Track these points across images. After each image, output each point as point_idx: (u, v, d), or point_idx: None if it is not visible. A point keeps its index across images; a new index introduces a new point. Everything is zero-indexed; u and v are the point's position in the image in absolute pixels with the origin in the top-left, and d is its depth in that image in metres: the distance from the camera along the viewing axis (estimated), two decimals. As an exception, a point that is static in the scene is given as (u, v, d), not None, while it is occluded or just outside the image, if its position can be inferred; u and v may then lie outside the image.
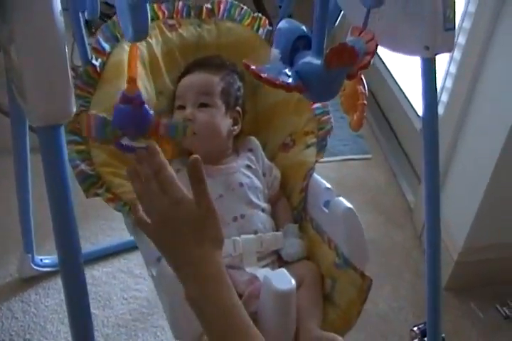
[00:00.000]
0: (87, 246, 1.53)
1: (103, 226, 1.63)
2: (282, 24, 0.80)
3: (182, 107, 1.05)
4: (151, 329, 1.34)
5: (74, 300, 0.75)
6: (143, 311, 1.39)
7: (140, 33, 0.67)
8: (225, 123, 1.06)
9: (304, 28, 0.78)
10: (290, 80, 0.69)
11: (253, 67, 0.69)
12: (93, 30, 1.23)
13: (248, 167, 1.06)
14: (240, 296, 0.89)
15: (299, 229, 1.04)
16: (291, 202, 1.07)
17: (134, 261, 1.52)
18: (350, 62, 0.67)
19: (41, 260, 1.44)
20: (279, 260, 1.01)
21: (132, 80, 0.73)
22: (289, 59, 0.74)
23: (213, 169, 1.03)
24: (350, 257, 0.93)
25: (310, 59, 0.72)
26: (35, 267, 1.42)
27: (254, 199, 1.02)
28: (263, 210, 1.03)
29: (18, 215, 1.34)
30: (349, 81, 0.79)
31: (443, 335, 1.20)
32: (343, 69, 0.68)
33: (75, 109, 0.66)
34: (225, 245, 0.94)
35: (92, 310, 1.28)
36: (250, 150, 1.10)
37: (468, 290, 1.49)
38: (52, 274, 1.44)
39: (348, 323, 0.94)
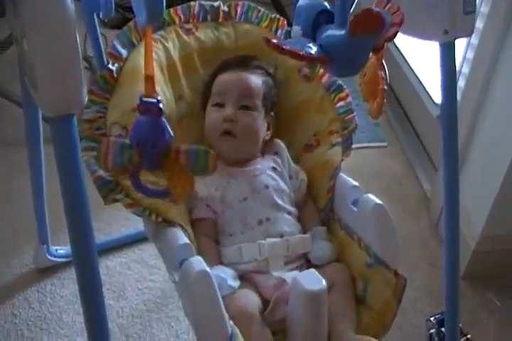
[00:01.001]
0: (101, 237, 1.53)
1: (117, 216, 1.63)
2: (303, 1, 0.77)
3: (220, 105, 1.03)
4: (165, 320, 1.34)
5: (88, 291, 0.74)
6: (157, 301, 1.38)
7: (154, 15, 0.65)
8: (263, 128, 1.05)
9: (325, 3, 0.75)
10: (314, 51, 0.66)
11: (274, 40, 0.66)
12: (105, 20, 1.22)
13: (274, 169, 1.04)
14: (267, 302, 0.88)
15: (328, 230, 1.03)
16: (318, 203, 1.05)
17: (149, 252, 1.52)
18: (377, 30, 0.63)
19: (56, 250, 1.45)
20: (307, 264, 0.98)
21: (149, 78, 0.68)
22: (311, 35, 0.71)
23: (238, 171, 1.02)
24: (382, 256, 0.90)
25: (333, 31, 0.69)
26: (50, 258, 1.43)
27: (280, 202, 1.00)
28: (289, 213, 1.01)
29: (33, 206, 1.34)
30: (371, 59, 0.76)
31: (460, 325, 1.18)
32: (368, 38, 0.64)
33: (86, 99, 0.65)
34: (250, 249, 0.94)
35: (107, 301, 1.29)
36: (276, 153, 1.08)
37: (485, 279, 1.47)
38: (67, 265, 1.44)
39: (384, 326, 0.91)
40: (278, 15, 1.15)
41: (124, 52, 0.97)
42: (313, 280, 0.82)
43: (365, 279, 0.93)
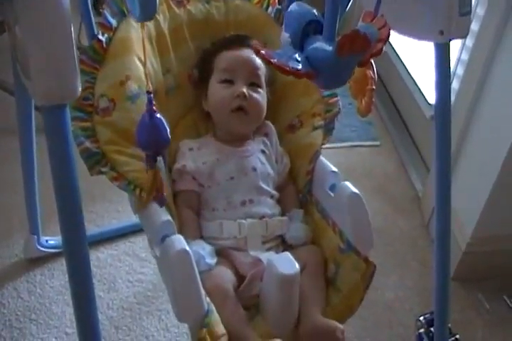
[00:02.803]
0: (92, 228, 1.53)
1: (109, 208, 1.63)
2: (293, 7, 0.78)
3: (229, 82, 1.04)
4: (155, 313, 1.34)
5: (78, 282, 0.75)
6: (148, 294, 1.39)
7: (148, 12, 0.65)
8: (265, 106, 1.07)
9: (314, 11, 0.76)
10: (300, 66, 0.67)
11: (263, 51, 0.67)
12: (100, 9, 1.21)
13: (263, 152, 1.06)
14: (243, 278, 0.91)
15: (305, 211, 1.04)
16: (297, 184, 1.07)
17: (140, 244, 1.52)
18: (363, 50, 0.65)
19: (47, 241, 1.45)
20: (283, 244, 1.01)
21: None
22: (299, 43, 0.73)
23: (229, 150, 1.04)
24: (354, 242, 0.92)
25: (321, 44, 0.70)
26: (40, 248, 1.43)
27: (265, 186, 1.02)
28: (272, 197, 1.03)
29: (24, 196, 1.34)
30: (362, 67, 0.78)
31: (449, 325, 1.19)
32: (354, 56, 0.66)
33: (80, 89, 0.65)
34: (231, 227, 0.96)
35: (97, 293, 1.29)
36: (266, 134, 1.09)
37: (475, 280, 1.48)
38: (57, 255, 1.44)
39: (351, 308, 0.93)
40: None
41: (113, 21, 0.96)
42: (287, 264, 0.84)
43: (336, 263, 0.95)
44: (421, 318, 1.27)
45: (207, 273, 0.88)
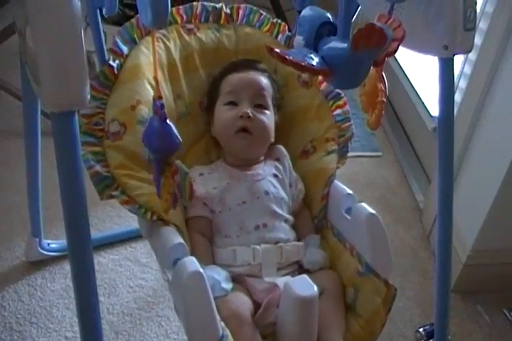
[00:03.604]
0: (94, 233, 1.51)
1: (110, 213, 1.64)
2: (306, 11, 0.78)
3: (233, 103, 1.04)
4: (155, 319, 1.34)
5: (82, 287, 0.74)
6: (148, 300, 1.39)
7: (159, 18, 0.65)
8: (273, 128, 1.06)
9: (328, 14, 0.76)
10: (315, 63, 0.66)
11: (277, 50, 0.67)
12: (106, 16, 1.23)
13: (275, 176, 1.04)
14: (259, 305, 0.88)
15: (321, 237, 1.03)
16: (311, 210, 1.06)
17: (141, 250, 1.52)
18: (378, 45, 0.64)
19: (48, 244, 1.45)
20: (299, 270, 0.99)
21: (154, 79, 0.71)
22: (313, 46, 0.72)
23: (240, 174, 1.02)
24: (373, 265, 0.91)
25: (335, 43, 0.70)
26: (42, 251, 1.43)
27: (278, 210, 1.00)
28: (286, 221, 1.01)
29: (27, 199, 1.34)
30: (371, 71, 0.77)
31: (449, 337, 1.19)
32: (369, 52, 0.65)
33: (89, 96, 0.66)
34: (245, 253, 0.94)
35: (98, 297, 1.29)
36: (277, 159, 1.08)
37: (475, 293, 1.48)
38: (59, 259, 1.45)
39: (372, 334, 0.91)
40: (279, 20, 1.16)
41: (125, 48, 0.97)
42: (305, 286, 0.82)
43: (355, 287, 0.93)
44: (421, 330, 1.27)
45: (222, 299, 0.85)
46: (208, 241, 0.99)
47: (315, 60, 0.66)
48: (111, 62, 0.95)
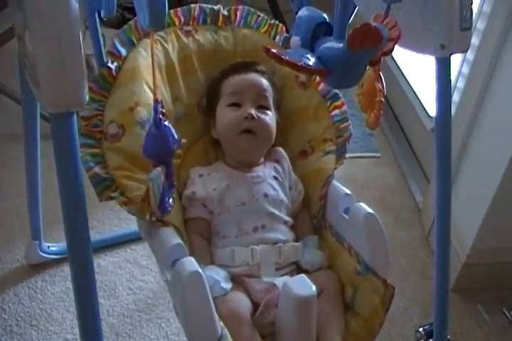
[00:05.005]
0: (93, 235, 1.51)
1: (110, 215, 1.64)
2: (302, 12, 0.78)
3: (237, 105, 1.04)
4: (155, 321, 1.34)
5: (82, 289, 0.74)
6: (148, 302, 1.39)
7: (157, 19, 0.65)
8: (275, 129, 1.06)
9: (324, 15, 0.76)
10: (311, 63, 0.67)
11: (274, 50, 0.67)
12: (104, 18, 1.24)
13: (275, 178, 1.04)
14: (258, 305, 0.89)
15: (319, 237, 1.04)
16: (310, 210, 1.06)
17: (141, 252, 1.53)
18: (374, 44, 0.64)
19: (48, 247, 1.45)
20: (297, 270, 0.99)
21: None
22: (309, 46, 0.72)
23: (240, 175, 1.03)
24: (372, 264, 0.91)
25: (332, 43, 0.70)
26: (42, 254, 1.44)
27: (277, 212, 1.00)
28: (285, 223, 1.02)
29: (27, 202, 1.35)
30: (369, 71, 0.78)
31: (448, 337, 1.19)
32: (366, 52, 0.65)
33: (87, 97, 0.66)
34: (243, 253, 0.94)
35: (98, 299, 1.29)
36: (277, 161, 1.08)
37: (475, 292, 1.48)
38: (58, 261, 1.45)
39: (371, 334, 0.92)
40: (277, 22, 1.16)
41: (123, 51, 0.98)
42: (304, 286, 0.82)
43: (354, 286, 0.94)
44: (420, 329, 1.27)
45: (222, 299, 0.86)
46: (207, 241, 0.99)
47: (311, 60, 0.66)
48: (109, 65, 0.95)
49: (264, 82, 1.06)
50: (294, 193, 1.06)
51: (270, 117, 1.04)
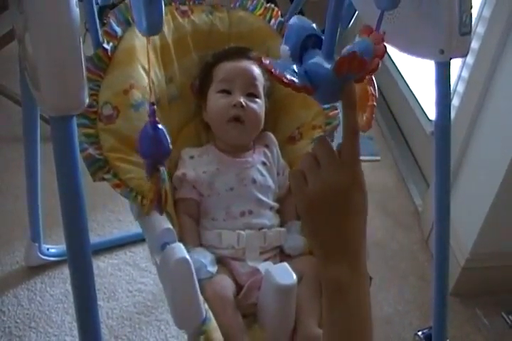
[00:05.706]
0: (93, 238, 1.52)
1: (110, 218, 1.64)
2: (293, 20, 0.79)
3: (227, 92, 1.05)
4: (154, 323, 1.35)
5: (81, 291, 0.74)
6: (147, 304, 1.39)
7: (154, 27, 0.66)
8: (263, 116, 1.08)
9: (314, 26, 0.77)
10: (296, 79, 0.68)
11: (266, 61, 0.68)
12: (105, 21, 1.23)
13: (264, 164, 1.06)
14: (241, 287, 0.92)
15: None
16: None
17: (140, 254, 1.53)
18: (360, 71, 0.66)
19: (48, 249, 1.45)
20: (281, 254, 1.02)
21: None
22: (298, 56, 0.74)
23: (229, 160, 1.05)
24: None
25: (320, 60, 0.71)
26: (41, 256, 1.44)
27: (264, 198, 1.03)
28: (271, 208, 1.04)
29: (27, 204, 1.35)
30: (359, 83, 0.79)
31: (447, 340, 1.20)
32: (352, 75, 0.67)
33: (87, 100, 0.66)
34: (230, 237, 0.97)
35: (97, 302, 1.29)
36: (266, 146, 1.10)
37: (474, 296, 1.48)
38: (58, 264, 1.45)
39: None
40: (272, 5, 1.17)
41: (119, 30, 0.98)
42: (285, 275, 0.86)
43: None
44: (419, 333, 1.27)
45: (208, 281, 0.90)
46: (196, 222, 1.01)
47: (299, 78, 0.68)
48: (105, 45, 0.95)
49: (256, 69, 1.07)
50: (282, 178, 1.08)
51: (259, 105, 1.06)
